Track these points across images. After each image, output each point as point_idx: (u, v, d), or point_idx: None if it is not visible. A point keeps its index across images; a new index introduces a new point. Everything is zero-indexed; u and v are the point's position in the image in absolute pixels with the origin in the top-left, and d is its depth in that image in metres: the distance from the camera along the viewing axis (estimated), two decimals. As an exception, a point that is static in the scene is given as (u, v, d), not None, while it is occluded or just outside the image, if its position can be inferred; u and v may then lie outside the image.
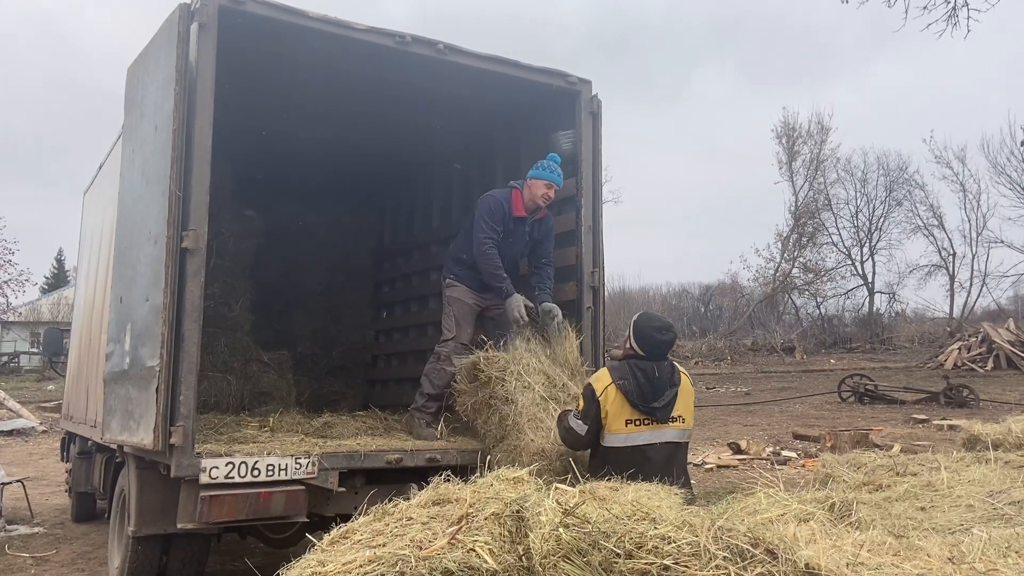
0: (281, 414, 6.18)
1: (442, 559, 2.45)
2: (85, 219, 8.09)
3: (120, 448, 4.89)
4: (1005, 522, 4.01)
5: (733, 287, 40.15)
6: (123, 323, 4.82)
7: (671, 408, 4.23)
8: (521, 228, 5.59)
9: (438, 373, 5.53)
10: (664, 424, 4.20)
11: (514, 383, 4.62)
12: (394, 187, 8.50)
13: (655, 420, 4.18)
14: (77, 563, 6.54)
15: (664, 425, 4.20)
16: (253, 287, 7.71)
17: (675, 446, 4.26)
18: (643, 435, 4.18)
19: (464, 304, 5.67)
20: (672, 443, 4.24)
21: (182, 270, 4.18)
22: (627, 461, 4.03)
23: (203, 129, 4.28)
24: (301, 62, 5.36)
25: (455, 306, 5.69)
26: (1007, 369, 23.05)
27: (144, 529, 4.54)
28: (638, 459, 4.08)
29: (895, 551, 2.82)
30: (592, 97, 5.62)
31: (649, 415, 4.18)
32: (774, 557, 2.41)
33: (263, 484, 4.18)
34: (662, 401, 4.20)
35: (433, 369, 5.59)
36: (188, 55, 4.26)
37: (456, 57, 5.17)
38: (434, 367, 5.60)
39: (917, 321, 36.96)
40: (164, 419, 4.03)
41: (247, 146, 6.90)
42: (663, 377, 4.26)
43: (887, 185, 38.62)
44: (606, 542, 2.47)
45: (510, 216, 5.52)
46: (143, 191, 4.72)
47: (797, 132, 37.17)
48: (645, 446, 4.16)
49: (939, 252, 36.70)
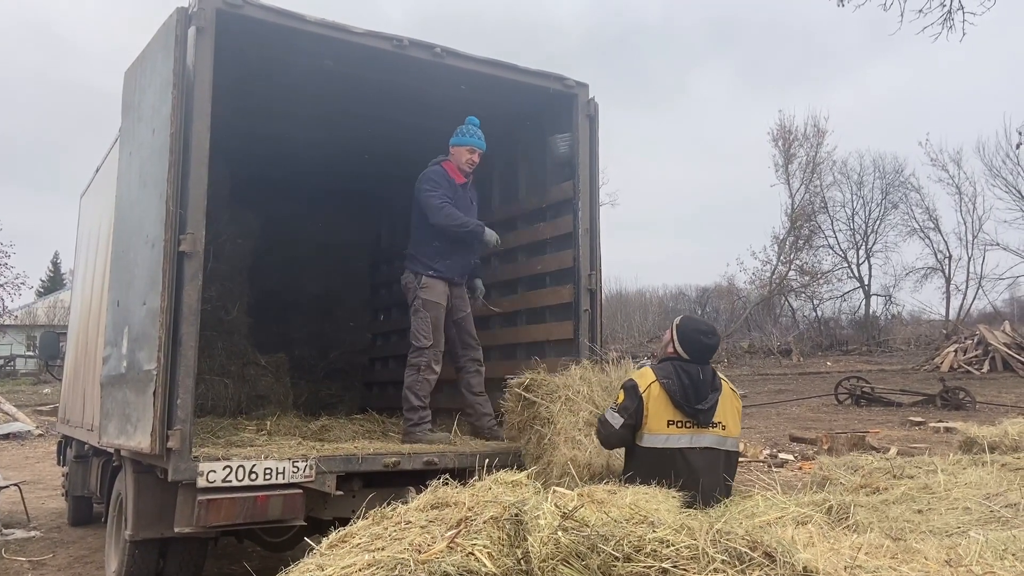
0: (278, 417, 6.18)
1: (441, 563, 2.45)
2: (82, 222, 8.08)
3: (117, 452, 4.88)
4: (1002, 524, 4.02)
5: (730, 290, 40.22)
6: (120, 326, 4.81)
7: (713, 412, 4.17)
8: (465, 194, 5.70)
9: (421, 384, 5.37)
10: (705, 428, 4.14)
11: (559, 407, 4.57)
12: (392, 190, 8.49)
13: (697, 424, 4.12)
14: (74, 567, 6.52)
15: (705, 430, 4.14)
16: (250, 290, 7.72)
17: (715, 453, 4.16)
18: (684, 438, 4.11)
19: (440, 308, 5.52)
20: (712, 449, 4.15)
21: (179, 273, 4.18)
22: (666, 464, 3.97)
23: (200, 132, 4.28)
24: (299, 65, 5.37)
25: (432, 311, 5.49)
26: (1003, 371, 23.11)
27: (141, 533, 4.52)
28: (678, 463, 4.01)
29: (892, 554, 2.83)
30: (589, 100, 5.64)
31: (692, 417, 4.11)
32: (772, 560, 2.42)
33: (260, 488, 4.17)
34: (706, 404, 4.14)
35: (416, 381, 5.39)
36: (186, 59, 4.26)
37: (453, 60, 5.18)
38: (416, 379, 5.39)
39: (913, 324, 37.05)
40: (161, 423, 4.02)
41: (244, 149, 6.90)
42: (706, 380, 4.21)
43: (883, 188, 38.76)
44: (605, 545, 2.48)
45: (453, 184, 5.58)
46: (140, 194, 4.72)
47: (793, 135, 37.28)
48: (685, 449, 4.08)
49: (935, 255, 36.81)
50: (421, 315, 5.50)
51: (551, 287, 5.90)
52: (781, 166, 37.45)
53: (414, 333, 5.50)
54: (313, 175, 8.04)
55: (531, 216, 6.29)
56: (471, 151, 5.63)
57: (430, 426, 5.39)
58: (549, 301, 5.89)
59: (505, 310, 6.45)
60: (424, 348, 5.43)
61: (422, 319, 5.49)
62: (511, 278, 6.48)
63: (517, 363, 6.24)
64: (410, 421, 5.36)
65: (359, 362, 9.02)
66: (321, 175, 8.05)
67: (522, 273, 6.32)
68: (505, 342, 6.44)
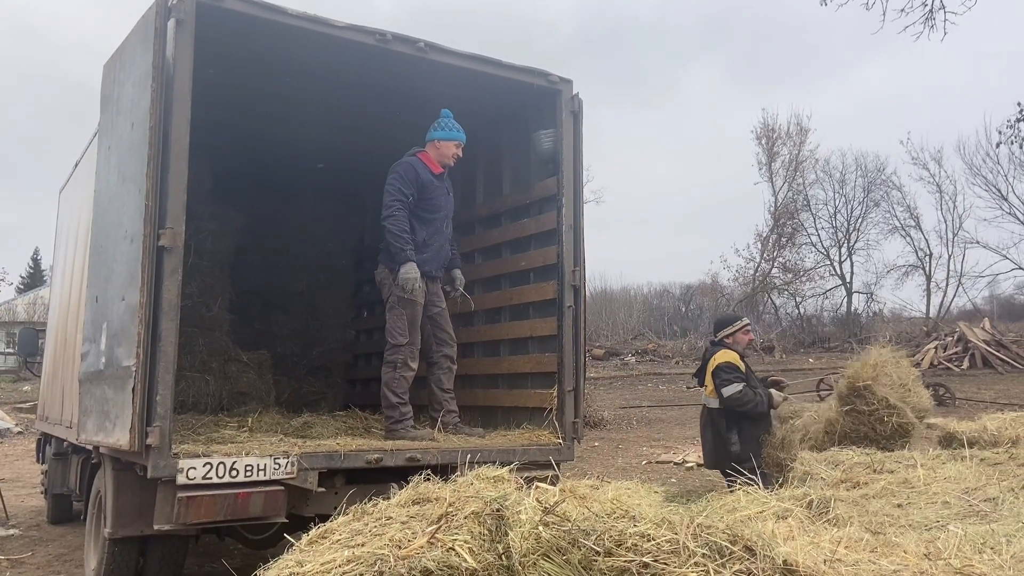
0: (260, 414, 6.14)
1: (421, 558, 2.45)
2: (61, 217, 7.99)
3: (96, 449, 4.83)
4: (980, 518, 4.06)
5: (714, 287, 40.32)
6: (99, 322, 4.76)
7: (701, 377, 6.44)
8: (442, 185, 5.66)
9: (399, 381, 5.31)
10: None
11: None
12: (375, 186, 8.43)
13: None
14: (53, 565, 6.47)
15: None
16: (232, 286, 7.66)
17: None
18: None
19: (417, 305, 5.44)
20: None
21: (159, 269, 4.13)
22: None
23: (180, 126, 4.23)
24: (281, 59, 5.33)
25: (408, 308, 5.42)
26: (982, 368, 23.33)
27: (121, 531, 4.48)
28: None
29: (872, 547, 2.85)
30: (573, 96, 5.63)
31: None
32: (753, 554, 2.43)
33: (241, 485, 4.14)
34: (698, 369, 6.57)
35: (393, 379, 5.32)
36: (165, 52, 4.21)
37: (437, 55, 5.15)
38: (393, 376, 5.32)
39: (894, 321, 37.28)
40: (140, 419, 3.98)
41: (226, 144, 6.85)
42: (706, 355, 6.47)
43: (865, 186, 38.91)
44: (586, 540, 2.48)
45: (427, 175, 5.53)
46: (119, 189, 4.66)
47: (776, 133, 37.44)
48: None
49: (916, 252, 37.04)
50: (397, 312, 5.42)
51: (535, 283, 5.89)
52: (764, 164, 37.66)
53: (390, 330, 5.44)
54: (296, 170, 7.99)
55: (515, 212, 6.28)
56: (458, 146, 5.62)
57: (412, 422, 5.35)
58: (533, 297, 5.89)
59: (488, 306, 6.44)
60: (400, 345, 5.38)
61: (398, 316, 5.42)
62: (494, 274, 6.47)
63: (500, 359, 6.25)
64: (391, 419, 5.31)
65: (342, 359, 8.98)
66: (304, 170, 8.00)
67: (506, 269, 6.30)
68: (488, 338, 6.44)
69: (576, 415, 5.38)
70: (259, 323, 8.54)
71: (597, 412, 16.21)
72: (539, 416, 5.52)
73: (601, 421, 15.91)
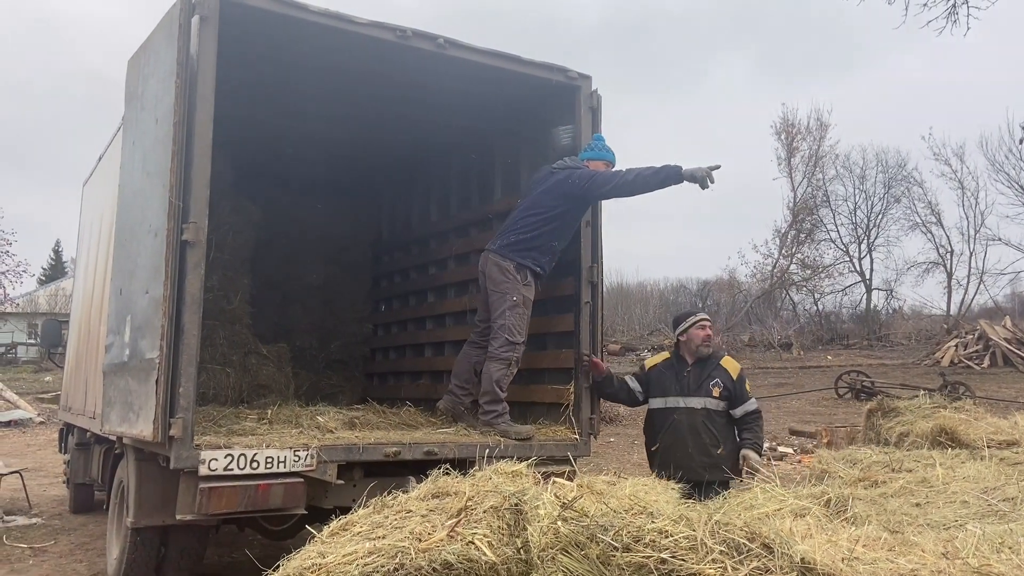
0: (280, 406, 6.19)
1: (441, 551, 2.47)
2: (84, 210, 8.08)
3: (119, 439, 4.90)
4: (999, 518, 4.04)
5: (731, 283, 40.19)
6: (123, 315, 4.82)
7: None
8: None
9: (509, 378, 5.34)
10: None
11: None
12: (393, 181, 8.50)
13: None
14: (75, 554, 6.56)
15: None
16: (252, 280, 7.72)
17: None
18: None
19: (530, 306, 5.45)
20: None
21: (182, 262, 4.18)
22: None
23: (204, 122, 4.28)
24: (303, 55, 5.36)
25: (528, 309, 5.41)
26: (1003, 366, 23.12)
27: (143, 520, 4.55)
28: None
29: (890, 546, 2.85)
30: (592, 92, 5.63)
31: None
32: (770, 551, 2.44)
33: (262, 476, 4.19)
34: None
35: (505, 376, 5.30)
36: (189, 48, 4.26)
37: (456, 52, 5.17)
38: (506, 373, 5.30)
39: (914, 318, 37.04)
40: (163, 411, 4.04)
41: (247, 139, 6.89)
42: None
43: (885, 182, 38.66)
44: (604, 535, 2.49)
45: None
46: (143, 183, 4.72)
47: (796, 128, 37.21)
48: None
49: (937, 249, 36.75)
50: (520, 311, 5.35)
51: (552, 279, 5.90)
52: (784, 159, 37.43)
53: (510, 328, 5.31)
54: (315, 165, 8.04)
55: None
56: (608, 165, 5.52)
57: (509, 417, 5.32)
58: (550, 293, 5.90)
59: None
60: (517, 343, 5.33)
61: (520, 316, 5.35)
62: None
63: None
64: (494, 412, 5.25)
65: (360, 353, 9.03)
66: (323, 165, 8.05)
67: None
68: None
69: (593, 411, 5.40)
70: (278, 316, 8.60)
71: (613, 408, 16.20)
72: (556, 411, 5.54)
73: (617, 417, 15.91)
